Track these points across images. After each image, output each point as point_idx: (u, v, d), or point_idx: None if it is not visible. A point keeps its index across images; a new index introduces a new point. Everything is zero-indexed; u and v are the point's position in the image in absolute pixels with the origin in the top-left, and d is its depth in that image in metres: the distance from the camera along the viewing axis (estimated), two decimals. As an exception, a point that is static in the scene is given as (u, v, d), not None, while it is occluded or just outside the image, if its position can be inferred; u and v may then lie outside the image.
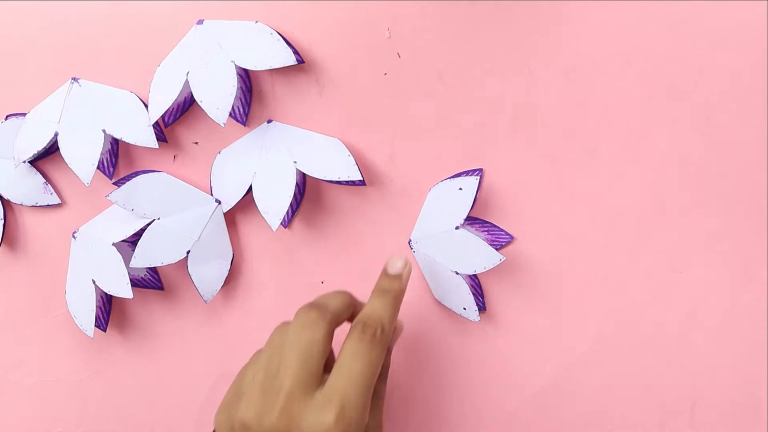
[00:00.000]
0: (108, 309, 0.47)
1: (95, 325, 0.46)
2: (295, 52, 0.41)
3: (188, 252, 0.44)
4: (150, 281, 0.47)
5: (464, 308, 0.44)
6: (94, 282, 0.45)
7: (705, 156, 0.42)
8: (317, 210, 0.46)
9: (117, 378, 0.49)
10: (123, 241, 0.45)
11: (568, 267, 0.44)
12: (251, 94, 0.44)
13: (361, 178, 0.42)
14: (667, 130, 0.42)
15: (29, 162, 0.46)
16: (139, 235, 0.44)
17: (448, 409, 0.46)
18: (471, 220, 0.44)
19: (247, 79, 0.44)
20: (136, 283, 0.46)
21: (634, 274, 0.43)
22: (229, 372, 0.48)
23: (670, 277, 0.43)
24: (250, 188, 0.44)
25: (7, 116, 0.46)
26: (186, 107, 0.45)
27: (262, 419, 0.36)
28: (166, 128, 0.45)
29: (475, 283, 0.44)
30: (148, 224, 0.44)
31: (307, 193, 0.45)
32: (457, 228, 0.43)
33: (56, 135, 0.44)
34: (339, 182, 0.43)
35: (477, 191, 0.43)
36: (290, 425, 0.36)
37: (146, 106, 0.44)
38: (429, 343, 0.46)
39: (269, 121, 0.44)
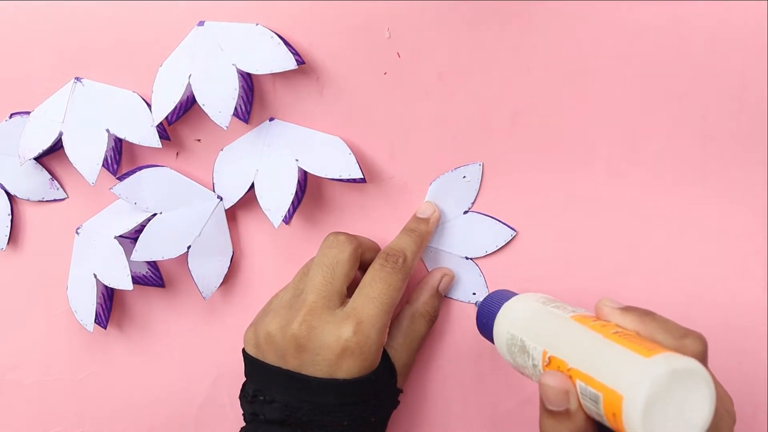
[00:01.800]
0: (109, 306, 0.47)
1: (96, 322, 0.46)
2: (296, 54, 0.42)
3: (189, 247, 0.45)
4: (151, 278, 0.47)
5: (474, 293, 0.45)
6: (95, 276, 0.45)
7: (702, 154, 0.42)
8: (318, 207, 0.46)
9: (117, 377, 0.49)
10: (125, 237, 0.45)
11: (566, 264, 0.44)
12: (253, 92, 0.44)
13: (362, 176, 0.42)
14: (665, 128, 0.42)
15: (34, 158, 0.46)
16: (140, 230, 0.44)
17: (446, 406, 0.46)
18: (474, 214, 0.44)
19: (248, 79, 0.44)
20: (137, 280, 0.46)
21: (633, 272, 0.43)
22: (228, 370, 0.48)
23: (669, 274, 0.43)
24: (252, 185, 0.44)
25: (11, 114, 0.46)
26: (188, 106, 0.45)
27: (285, 330, 0.39)
28: (169, 126, 0.46)
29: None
30: (150, 219, 0.44)
31: (308, 190, 0.46)
32: (465, 212, 0.44)
33: (60, 134, 0.44)
34: (340, 180, 0.43)
35: (481, 177, 0.43)
36: (310, 335, 0.38)
37: (149, 105, 0.44)
38: (426, 340, 0.46)
39: (271, 119, 0.44)
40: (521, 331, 0.35)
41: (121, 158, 0.46)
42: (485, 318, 0.39)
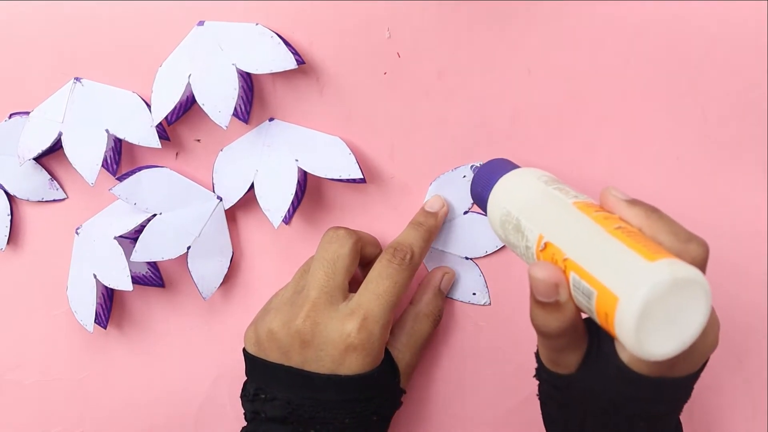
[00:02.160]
0: (109, 306, 0.47)
1: (96, 322, 0.46)
2: (296, 54, 0.42)
3: (188, 248, 0.45)
4: (151, 278, 0.47)
5: (474, 293, 0.45)
6: (95, 277, 0.45)
7: (702, 154, 0.42)
8: (318, 207, 0.46)
9: (117, 377, 0.49)
10: (125, 237, 0.45)
11: (567, 264, 0.44)
12: (253, 92, 0.44)
13: (362, 176, 0.42)
14: (665, 129, 0.42)
15: (33, 158, 0.46)
16: (140, 231, 0.44)
17: (447, 407, 0.46)
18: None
19: (248, 78, 0.44)
20: (137, 280, 0.46)
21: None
22: (228, 370, 0.48)
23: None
24: (251, 186, 0.44)
25: (10, 114, 0.46)
26: (188, 106, 0.45)
27: (289, 326, 0.38)
28: (168, 126, 0.46)
29: None
30: (150, 219, 0.44)
31: (308, 190, 0.46)
32: (465, 213, 0.44)
33: (60, 134, 0.44)
34: (340, 180, 0.43)
35: None
36: (314, 331, 0.38)
37: (148, 105, 0.44)
38: (427, 341, 0.46)
39: (271, 120, 0.44)
40: (518, 209, 0.34)
41: (120, 158, 0.46)
42: (480, 187, 0.37)
